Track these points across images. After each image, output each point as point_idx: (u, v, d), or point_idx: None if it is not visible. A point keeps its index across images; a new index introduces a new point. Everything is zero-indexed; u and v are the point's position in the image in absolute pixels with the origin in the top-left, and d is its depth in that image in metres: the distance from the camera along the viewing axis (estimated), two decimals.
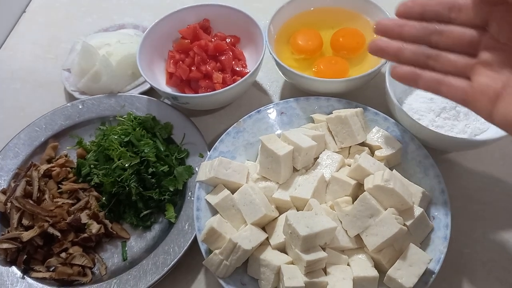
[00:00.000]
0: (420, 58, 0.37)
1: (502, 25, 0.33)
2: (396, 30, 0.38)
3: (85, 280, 0.53)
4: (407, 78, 0.38)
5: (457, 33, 0.36)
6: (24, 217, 0.55)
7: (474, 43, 0.35)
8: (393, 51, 0.38)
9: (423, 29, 0.37)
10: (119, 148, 0.57)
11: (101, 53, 0.69)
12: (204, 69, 0.63)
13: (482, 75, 0.34)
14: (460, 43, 0.36)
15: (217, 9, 0.70)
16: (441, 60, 0.37)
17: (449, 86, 0.36)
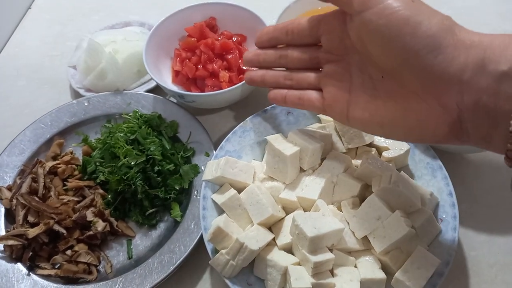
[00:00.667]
0: (279, 80, 0.43)
1: (329, 38, 0.38)
2: (255, 59, 0.43)
3: (90, 278, 0.53)
4: (277, 99, 0.43)
5: (297, 54, 0.41)
6: (30, 214, 0.55)
7: (315, 59, 0.40)
8: (259, 78, 0.44)
9: (273, 54, 0.42)
10: (125, 146, 0.57)
11: (107, 50, 0.69)
12: (211, 68, 0.63)
13: (330, 86, 0.39)
14: (303, 61, 0.41)
15: (223, 8, 0.69)
16: (295, 79, 0.42)
17: (308, 100, 0.41)
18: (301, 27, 0.40)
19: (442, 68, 0.29)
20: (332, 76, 0.39)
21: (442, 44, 0.29)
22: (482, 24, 0.77)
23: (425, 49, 0.30)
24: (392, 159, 0.52)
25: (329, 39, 0.38)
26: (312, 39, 0.40)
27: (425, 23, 0.30)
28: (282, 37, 0.41)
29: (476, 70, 0.28)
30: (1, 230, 0.56)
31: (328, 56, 0.39)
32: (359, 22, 0.33)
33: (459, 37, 0.30)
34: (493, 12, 0.78)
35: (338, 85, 0.38)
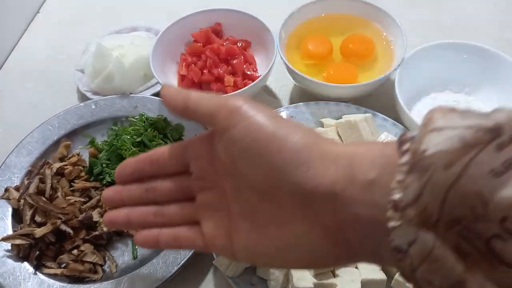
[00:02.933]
0: (149, 218, 0.36)
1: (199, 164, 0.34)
2: (117, 198, 0.37)
3: (96, 277, 0.54)
4: (148, 243, 0.36)
5: (166, 185, 0.36)
6: (37, 214, 0.56)
7: (187, 188, 0.35)
8: (122, 220, 0.36)
9: (138, 189, 0.36)
10: (131, 148, 0.58)
11: (114, 54, 0.70)
12: (216, 72, 0.64)
13: (207, 218, 0.34)
14: (174, 193, 0.36)
15: (229, 14, 0.71)
16: (167, 214, 0.36)
17: (186, 239, 0.35)
18: (166, 156, 0.36)
19: (314, 183, 0.27)
20: (208, 206, 0.34)
21: (310, 158, 0.27)
22: (483, 33, 0.78)
23: (294, 165, 0.27)
24: None
25: (198, 165, 0.34)
26: (181, 167, 0.35)
27: (290, 137, 0.28)
28: (147, 168, 0.36)
29: (347, 182, 0.26)
30: (9, 229, 0.57)
31: (200, 183, 0.35)
32: (226, 141, 0.30)
33: (325, 149, 0.28)
34: (493, 21, 0.80)
35: (216, 216, 0.34)
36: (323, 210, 0.27)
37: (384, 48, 0.67)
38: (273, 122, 0.29)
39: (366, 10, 0.68)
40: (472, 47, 0.62)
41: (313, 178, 0.27)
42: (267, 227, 0.31)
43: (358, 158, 0.26)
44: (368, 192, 0.25)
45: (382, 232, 0.24)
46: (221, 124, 0.30)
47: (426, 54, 0.62)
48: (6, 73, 0.82)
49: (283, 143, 0.28)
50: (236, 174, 0.32)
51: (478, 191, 0.21)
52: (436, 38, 0.76)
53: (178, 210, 0.36)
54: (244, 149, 0.29)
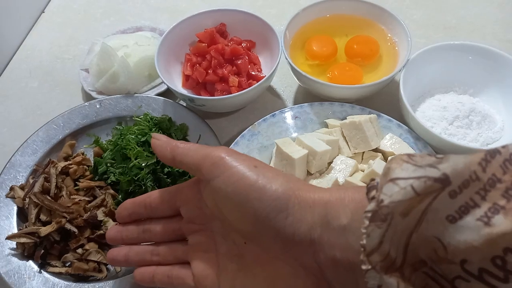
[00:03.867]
0: (146, 257, 0.39)
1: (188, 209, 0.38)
2: (118, 237, 0.41)
3: (100, 276, 0.54)
4: (145, 280, 0.39)
5: (159, 227, 0.39)
6: (42, 213, 0.57)
7: (178, 231, 0.39)
8: (122, 258, 0.40)
9: (135, 230, 0.40)
10: (136, 148, 0.58)
11: (119, 54, 0.70)
12: (221, 73, 0.64)
13: (197, 259, 0.37)
14: (167, 234, 0.39)
15: (233, 14, 0.71)
16: (162, 254, 0.39)
17: (178, 278, 0.38)
18: (158, 201, 0.39)
19: (293, 229, 0.29)
20: (198, 248, 0.37)
21: (289, 205, 0.29)
22: (487, 34, 0.78)
23: (274, 212, 0.29)
24: None
25: (188, 209, 0.38)
26: (172, 211, 0.39)
27: (269, 186, 0.30)
28: (142, 211, 0.40)
29: (323, 228, 0.28)
30: (14, 228, 0.58)
31: (190, 226, 0.38)
32: (210, 190, 0.33)
33: (302, 196, 0.30)
34: (497, 21, 0.80)
35: (205, 256, 0.36)
36: (304, 253, 0.29)
37: (388, 49, 0.67)
38: (253, 172, 0.31)
39: (371, 11, 0.68)
40: (477, 48, 0.62)
41: (292, 225, 0.29)
42: (254, 268, 0.33)
43: (332, 204, 0.28)
44: (342, 237, 0.27)
45: (358, 273, 0.26)
46: (205, 174, 0.33)
47: (430, 55, 0.62)
48: (11, 73, 0.82)
49: (263, 192, 0.30)
50: (223, 219, 0.34)
51: (437, 236, 0.22)
52: (440, 39, 0.76)
53: (171, 251, 0.39)
54: (227, 198, 0.32)
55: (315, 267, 0.29)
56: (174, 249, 0.39)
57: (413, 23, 0.79)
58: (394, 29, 0.67)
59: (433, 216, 0.22)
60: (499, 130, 0.59)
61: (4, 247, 0.56)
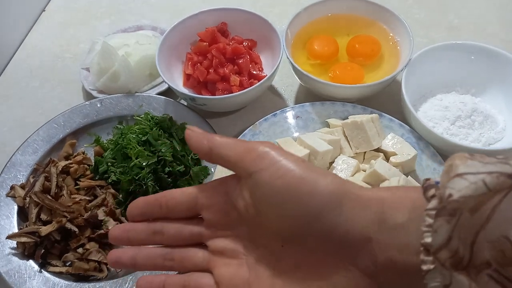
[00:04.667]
0: (157, 261, 0.34)
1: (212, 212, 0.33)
2: (124, 237, 0.34)
3: (101, 275, 0.54)
4: None
5: (174, 230, 0.34)
6: (43, 212, 0.57)
7: (197, 235, 0.34)
8: (128, 261, 0.34)
9: (146, 230, 0.34)
10: (137, 147, 0.58)
11: (120, 53, 0.70)
12: (222, 72, 0.64)
13: (222, 266, 0.32)
14: (182, 239, 0.34)
15: (234, 13, 0.71)
16: (178, 259, 0.33)
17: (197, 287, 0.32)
18: (176, 201, 0.34)
19: (347, 227, 0.27)
20: (222, 254, 0.32)
21: (342, 202, 0.27)
22: (489, 33, 0.78)
23: (327, 208, 0.27)
24: (400, 164, 0.53)
25: (211, 213, 0.33)
26: (191, 214, 0.34)
27: (321, 181, 0.28)
28: (156, 210, 0.34)
29: (379, 226, 0.26)
30: (14, 227, 0.58)
31: (212, 232, 0.33)
32: (252, 185, 0.30)
33: (356, 193, 0.28)
34: (500, 22, 0.79)
35: (232, 263, 0.32)
36: (358, 253, 0.27)
37: (390, 48, 0.67)
38: (302, 167, 0.29)
39: (373, 10, 0.68)
40: (479, 48, 0.62)
41: (346, 223, 0.27)
42: (294, 272, 0.30)
43: (388, 203, 0.27)
44: (399, 236, 0.26)
45: (415, 275, 0.24)
46: (248, 167, 0.30)
47: (432, 55, 0.62)
48: (12, 72, 0.82)
49: (314, 187, 0.28)
50: (255, 222, 0.31)
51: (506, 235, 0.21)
52: (442, 38, 0.76)
53: (189, 255, 0.33)
54: (272, 193, 0.29)
55: (370, 268, 0.27)
56: (193, 254, 0.34)
57: (415, 22, 0.79)
58: (396, 28, 0.67)
59: (502, 214, 0.21)
60: (501, 130, 0.59)
61: (5, 246, 0.55)
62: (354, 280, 0.28)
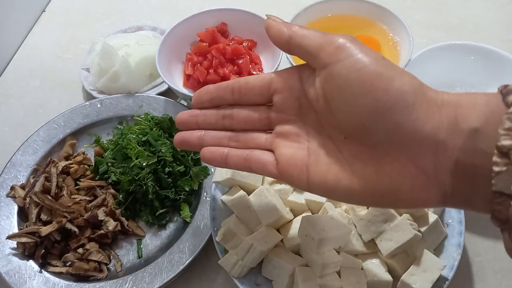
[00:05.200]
0: (222, 141, 0.36)
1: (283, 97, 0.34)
2: (192, 121, 0.37)
3: (101, 275, 0.54)
4: (215, 159, 0.36)
5: (244, 114, 0.36)
6: (43, 212, 0.57)
7: (265, 120, 0.35)
8: (194, 141, 0.37)
9: (215, 115, 0.37)
10: (137, 147, 0.58)
11: (120, 54, 0.70)
12: (222, 72, 0.64)
13: (284, 147, 0.34)
14: (252, 122, 0.36)
15: (234, 14, 0.71)
16: (242, 140, 0.36)
17: (257, 162, 0.35)
18: (250, 86, 0.35)
19: (416, 126, 0.27)
20: (285, 137, 0.34)
21: (416, 102, 0.28)
22: (489, 34, 0.78)
23: (399, 106, 0.28)
24: None
25: (282, 98, 0.34)
26: (263, 99, 0.35)
27: (397, 79, 0.28)
28: (227, 96, 0.36)
29: (450, 129, 0.27)
30: (14, 227, 0.58)
31: (280, 116, 0.35)
32: (326, 76, 0.30)
33: (430, 96, 0.28)
34: (500, 22, 0.79)
35: (293, 146, 0.34)
36: (422, 153, 0.28)
37: (390, 49, 0.67)
38: (380, 63, 0.29)
39: (372, 11, 0.68)
40: (479, 48, 0.62)
41: (417, 122, 0.28)
42: (352, 163, 0.31)
43: (463, 107, 0.27)
44: (471, 140, 0.26)
45: (480, 178, 0.26)
46: (325, 59, 0.30)
47: (432, 55, 0.62)
48: (12, 72, 0.82)
49: (390, 84, 0.28)
50: (324, 111, 0.32)
51: None
52: (442, 39, 0.76)
53: (253, 137, 0.36)
54: (346, 86, 0.29)
55: (430, 168, 0.28)
56: (257, 136, 0.36)
57: (415, 23, 0.79)
58: (395, 29, 0.67)
59: None
60: None
61: (5, 246, 0.56)
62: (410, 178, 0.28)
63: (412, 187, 0.29)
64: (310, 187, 0.32)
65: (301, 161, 0.33)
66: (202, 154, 0.36)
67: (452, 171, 0.27)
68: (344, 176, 0.31)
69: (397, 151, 0.29)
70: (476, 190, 0.27)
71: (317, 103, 0.32)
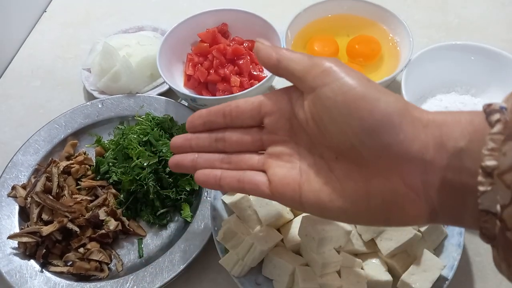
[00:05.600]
0: (215, 164, 0.37)
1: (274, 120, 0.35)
2: (186, 144, 0.38)
3: (102, 275, 0.54)
4: (209, 182, 0.37)
5: (237, 137, 0.37)
6: (44, 212, 0.57)
7: (257, 142, 0.36)
8: (188, 163, 0.38)
9: (207, 138, 0.38)
10: (138, 147, 0.58)
11: (121, 54, 0.70)
12: (222, 73, 0.65)
13: (276, 167, 0.35)
14: (244, 144, 0.37)
15: (235, 14, 0.71)
16: (234, 162, 0.37)
17: (250, 183, 0.35)
18: (240, 110, 0.36)
19: (404, 147, 0.28)
20: (278, 157, 0.35)
21: (401, 122, 0.28)
22: (489, 34, 0.78)
23: (386, 126, 0.28)
24: None
25: (273, 120, 0.35)
26: (254, 121, 0.36)
27: (382, 100, 0.29)
28: (219, 120, 0.37)
29: (437, 149, 0.28)
30: (15, 227, 0.58)
31: (272, 137, 0.35)
32: (314, 99, 0.31)
33: (415, 115, 0.29)
34: (500, 22, 0.79)
35: (286, 166, 0.34)
36: (411, 172, 0.28)
37: (390, 49, 0.67)
38: (365, 85, 0.30)
39: (373, 11, 0.68)
40: (479, 48, 0.62)
41: (404, 143, 0.28)
42: (344, 182, 0.31)
43: (447, 126, 0.28)
44: (457, 159, 0.27)
45: (468, 195, 0.26)
46: (312, 82, 0.31)
47: (432, 55, 0.62)
48: (13, 72, 0.82)
49: (375, 105, 0.29)
50: (314, 132, 0.32)
51: None
52: (442, 39, 0.76)
53: (246, 159, 0.37)
54: (334, 108, 0.30)
55: (419, 187, 0.29)
56: (249, 157, 0.36)
57: (415, 23, 0.79)
58: (395, 29, 0.67)
59: None
60: None
61: (6, 246, 0.56)
62: (401, 196, 0.29)
63: (402, 205, 0.29)
64: (304, 207, 0.33)
65: (294, 181, 0.33)
66: (196, 177, 0.37)
67: (440, 189, 0.28)
68: (337, 197, 0.31)
69: (387, 170, 0.29)
70: (464, 206, 0.27)
71: (307, 125, 0.33)
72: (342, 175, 0.32)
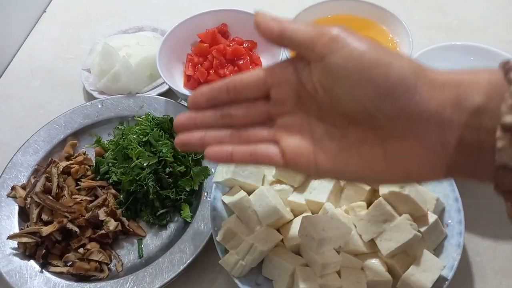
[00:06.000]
0: (224, 139, 0.36)
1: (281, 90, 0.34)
2: (191, 123, 0.36)
3: (102, 275, 0.54)
4: (221, 158, 0.35)
5: (243, 111, 0.35)
6: (44, 212, 0.57)
7: (265, 114, 0.35)
8: (196, 141, 0.36)
9: (213, 115, 0.36)
10: (138, 148, 0.58)
11: (121, 54, 0.70)
12: (222, 73, 0.65)
13: (288, 138, 0.34)
14: (251, 118, 0.35)
15: (235, 14, 0.71)
16: (244, 136, 0.35)
17: (264, 156, 0.34)
18: (244, 83, 0.35)
19: (420, 108, 0.28)
20: (288, 128, 0.34)
21: (417, 83, 0.28)
22: (489, 35, 0.78)
23: (401, 89, 0.28)
24: None
25: (280, 91, 0.34)
26: (260, 94, 0.35)
27: (395, 63, 0.28)
28: (223, 95, 0.35)
29: (454, 107, 0.28)
30: (15, 228, 0.58)
31: (280, 109, 0.34)
32: (323, 67, 0.30)
33: (431, 76, 0.29)
34: (500, 22, 0.80)
35: (298, 136, 0.33)
36: (428, 133, 0.29)
37: None
38: (375, 49, 0.29)
39: (373, 11, 0.68)
40: (479, 49, 0.62)
41: (421, 103, 0.28)
42: (359, 147, 0.31)
43: (465, 86, 0.28)
44: (474, 117, 0.27)
45: (485, 152, 0.27)
46: (320, 51, 0.30)
47: (432, 56, 0.62)
48: (13, 72, 0.82)
49: (389, 69, 0.28)
50: (323, 100, 0.32)
51: None
52: (442, 39, 0.76)
53: (255, 132, 0.35)
54: (345, 76, 0.29)
55: (436, 146, 0.29)
56: (259, 131, 0.35)
57: (415, 23, 0.79)
58: (395, 29, 0.67)
59: None
60: None
61: (6, 246, 0.56)
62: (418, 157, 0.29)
63: (419, 165, 0.29)
64: (320, 174, 0.33)
65: (307, 150, 0.33)
66: (206, 154, 0.36)
67: (457, 147, 0.28)
68: (353, 161, 0.31)
69: (403, 132, 0.29)
70: (481, 163, 0.28)
71: (317, 94, 0.32)
72: (356, 140, 0.31)
